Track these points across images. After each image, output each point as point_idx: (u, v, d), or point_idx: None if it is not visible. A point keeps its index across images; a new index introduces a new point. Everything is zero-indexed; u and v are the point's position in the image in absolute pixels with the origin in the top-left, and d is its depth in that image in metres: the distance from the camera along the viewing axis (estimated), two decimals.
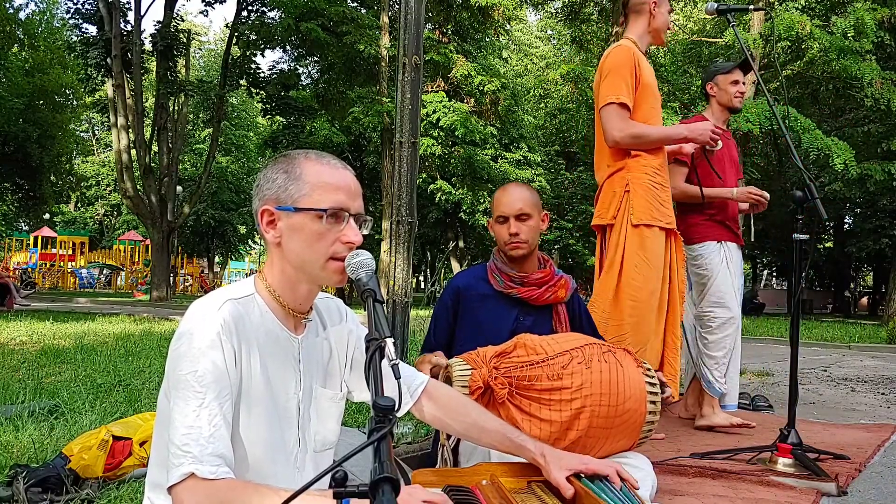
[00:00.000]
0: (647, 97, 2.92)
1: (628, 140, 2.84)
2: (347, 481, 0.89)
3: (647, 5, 2.99)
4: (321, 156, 1.29)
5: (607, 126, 2.86)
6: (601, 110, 2.90)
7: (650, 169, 2.87)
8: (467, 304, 2.32)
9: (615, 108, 2.83)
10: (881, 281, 28.15)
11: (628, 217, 2.83)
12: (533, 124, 24.92)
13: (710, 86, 3.51)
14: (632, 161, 2.88)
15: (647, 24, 3.01)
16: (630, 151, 2.89)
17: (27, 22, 23.27)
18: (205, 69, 37.93)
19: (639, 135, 2.84)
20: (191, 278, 29.03)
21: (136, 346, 5.88)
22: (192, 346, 1.15)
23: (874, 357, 8.92)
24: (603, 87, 2.90)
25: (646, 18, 3.00)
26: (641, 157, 2.88)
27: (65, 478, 1.97)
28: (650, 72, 3.00)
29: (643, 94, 2.91)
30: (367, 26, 16.22)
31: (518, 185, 2.36)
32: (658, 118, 2.98)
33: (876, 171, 14.65)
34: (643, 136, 2.85)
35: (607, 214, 2.89)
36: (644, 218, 2.81)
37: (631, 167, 2.88)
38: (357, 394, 1.46)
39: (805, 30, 12.81)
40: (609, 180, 2.94)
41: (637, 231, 2.81)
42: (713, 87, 3.50)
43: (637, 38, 3.01)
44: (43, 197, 25.26)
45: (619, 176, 2.89)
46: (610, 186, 2.93)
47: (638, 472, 1.80)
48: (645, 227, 2.81)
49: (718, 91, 3.48)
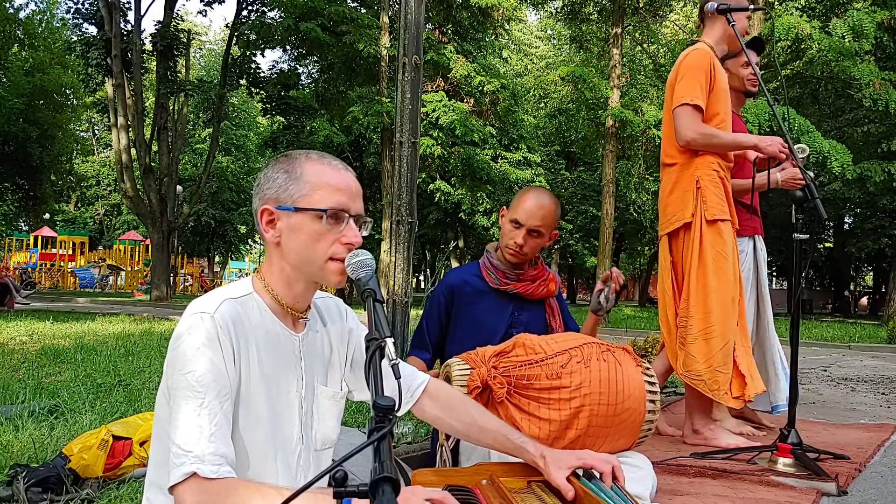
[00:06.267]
0: (720, 101, 2.94)
1: (701, 141, 2.86)
2: (347, 481, 0.89)
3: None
4: (322, 156, 1.29)
5: (680, 126, 2.89)
6: (674, 110, 2.92)
7: (716, 165, 2.90)
8: (462, 300, 2.33)
9: (689, 108, 2.86)
10: (881, 281, 28.17)
11: (702, 213, 2.85)
12: (533, 124, 24.91)
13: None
14: (699, 159, 2.91)
15: (723, 31, 3.00)
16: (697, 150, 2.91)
17: (27, 22, 23.25)
18: (205, 69, 37.92)
19: (711, 136, 2.86)
20: (191, 278, 29.03)
21: (136, 345, 5.88)
22: (191, 346, 1.15)
23: (874, 357, 8.92)
24: (678, 87, 2.92)
25: (722, 25, 2.99)
26: (707, 154, 2.90)
27: (65, 478, 1.97)
28: (725, 78, 3.01)
29: (715, 99, 2.93)
30: (366, 26, 16.22)
31: (546, 197, 2.31)
32: (728, 125, 2.99)
33: (876, 172, 14.65)
34: (715, 137, 2.87)
35: (686, 213, 2.89)
36: (717, 213, 2.85)
37: (699, 164, 2.90)
38: (357, 393, 1.46)
39: (805, 31, 12.82)
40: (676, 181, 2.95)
41: (712, 226, 2.85)
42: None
43: (714, 42, 3.01)
44: (43, 197, 25.27)
45: (688, 174, 2.91)
46: (678, 186, 2.94)
47: (638, 472, 1.81)
48: (720, 221, 2.85)
49: (730, 76, 3.44)
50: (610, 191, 15.38)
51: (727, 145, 2.92)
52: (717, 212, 2.85)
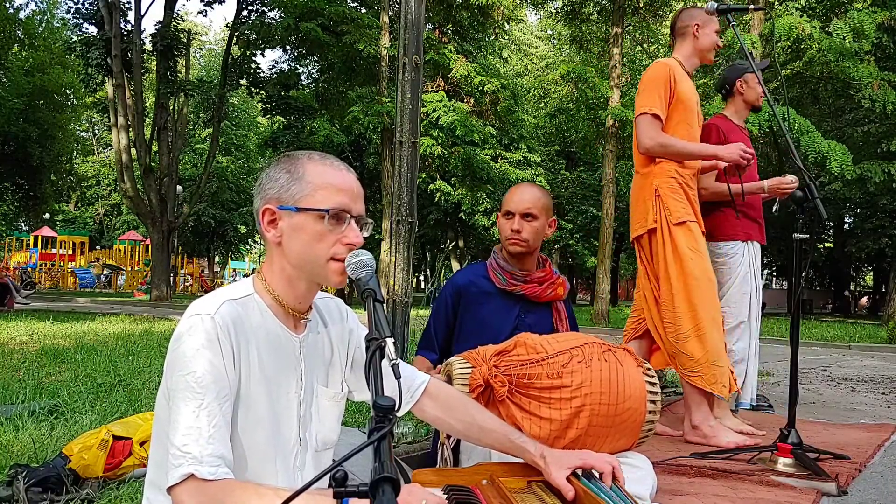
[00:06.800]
0: (681, 111, 3.05)
1: (658, 148, 2.98)
2: (347, 481, 0.89)
3: (691, 28, 3.13)
4: (324, 157, 1.29)
5: (639, 134, 3.03)
6: (635, 120, 3.07)
7: (674, 172, 3.01)
8: (469, 301, 2.33)
9: (648, 117, 2.99)
10: (881, 281, 28.17)
11: (667, 218, 2.97)
12: (533, 124, 24.91)
13: (740, 83, 3.55)
14: (656, 167, 3.04)
15: (692, 46, 3.15)
16: (655, 158, 3.04)
17: (27, 22, 23.25)
18: (205, 69, 37.92)
19: (668, 143, 2.98)
20: (191, 278, 29.04)
21: (136, 345, 5.88)
22: (191, 347, 1.15)
23: (874, 357, 8.92)
24: (638, 99, 3.08)
25: (690, 41, 3.15)
26: (665, 162, 3.03)
27: (65, 478, 1.97)
28: (689, 88, 3.11)
29: (676, 108, 3.04)
30: (366, 26, 16.23)
31: (533, 186, 2.39)
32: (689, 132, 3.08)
33: (875, 172, 14.64)
34: (671, 146, 2.99)
35: (648, 220, 3.02)
36: (681, 215, 2.96)
37: (656, 173, 3.03)
38: (357, 394, 1.46)
39: (805, 31, 12.83)
40: (639, 189, 3.09)
41: (682, 227, 2.96)
42: (743, 85, 3.54)
43: (683, 58, 3.16)
44: (43, 197, 25.27)
45: (648, 182, 3.05)
46: (640, 194, 3.08)
47: (638, 472, 1.81)
48: (688, 222, 2.95)
49: (748, 89, 3.54)
50: (610, 191, 15.38)
51: (683, 154, 3.02)
52: (683, 214, 2.96)
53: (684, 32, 3.16)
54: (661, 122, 2.99)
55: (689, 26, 3.13)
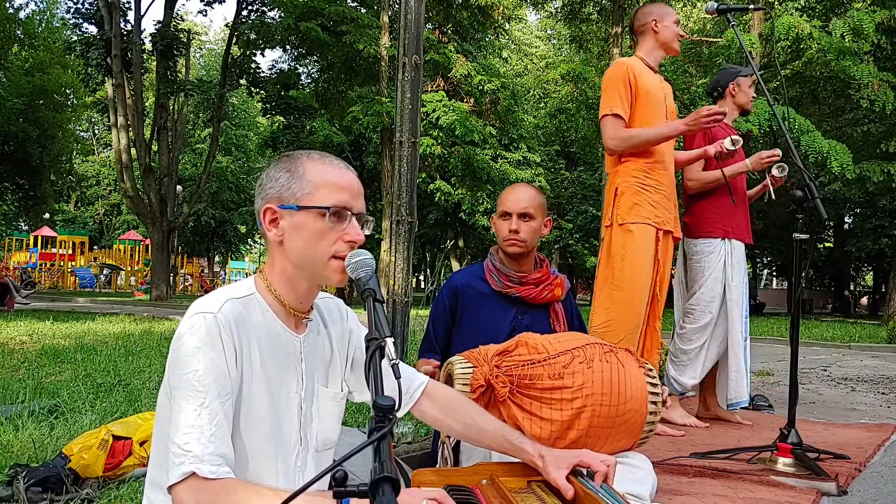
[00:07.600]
0: (646, 103, 3.08)
1: (622, 144, 3.03)
2: (347, 481, 0.88)
3: (649, 24, 3.17)
4: (324, 156, 1.29)
5: (603, 136, 3.08)
6: (599, 123, 3.12)
7: (637, 171, 3.06)
8: (466, 303, 2.33)
9: (609, 118, 3.05)
10: (881, 281, 28.17)
11: (616, 218, 3.06)
12: (532, 124, 24.92)
13: (733, 86, 3.61)
14: (621, 167, 3.10)
15: (653, 40, 3.19)
16: (620, 158, 3.09)
17: (27, 22, 23.24)
18: (205, 69, 37.92)
19: (629, 137, 3.02)
20: (191, 278, 29.05)
21: (136, 345, 5.87)
22: (193, 346, 1.15)
23: (874, 357, 8.92)
24: (601, 102, 3.12)
25: (651, 36, 3.19)
26: (630, 161, 3.08)
27: (65, 477, 1.97)
28: (653, 82, 3.14)
29: (640, 102, 3.07)
30: (366, 26, 16.22)
31: (527, 186, 2.40)
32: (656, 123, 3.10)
33: (875, 173, 14.64)
34: (634, 137, 3.02)
35: (607, 217, 3.14)
36: (627, 217, 3.03)
37: (620, 172, 3.09)
38: (357, 394, 1.46)
39: (805, 31, 12.83)
40: (608, 188, 3.17)
41: (622, 229, 3.03)
42: (735, 88, 3.61)
43: (645, 54, 3.20)
44: (43, 196, 25.25)
45: (612, 182, 3.12)
46: (608, 193, 3.16)
47: (638, 472, 1.81)
48: (630, 224, 3.01)
49: (739, 92, 3.60)
50: None
51: (649, 141, 3.05)
52: (628, 216, 3.03)
53: (643, 29, 3.20)
54: (623, 121, 3.03)
55: (648, 22, 3.17)
